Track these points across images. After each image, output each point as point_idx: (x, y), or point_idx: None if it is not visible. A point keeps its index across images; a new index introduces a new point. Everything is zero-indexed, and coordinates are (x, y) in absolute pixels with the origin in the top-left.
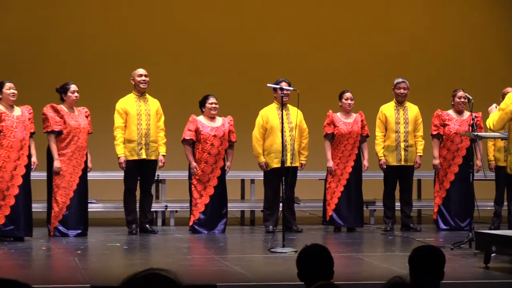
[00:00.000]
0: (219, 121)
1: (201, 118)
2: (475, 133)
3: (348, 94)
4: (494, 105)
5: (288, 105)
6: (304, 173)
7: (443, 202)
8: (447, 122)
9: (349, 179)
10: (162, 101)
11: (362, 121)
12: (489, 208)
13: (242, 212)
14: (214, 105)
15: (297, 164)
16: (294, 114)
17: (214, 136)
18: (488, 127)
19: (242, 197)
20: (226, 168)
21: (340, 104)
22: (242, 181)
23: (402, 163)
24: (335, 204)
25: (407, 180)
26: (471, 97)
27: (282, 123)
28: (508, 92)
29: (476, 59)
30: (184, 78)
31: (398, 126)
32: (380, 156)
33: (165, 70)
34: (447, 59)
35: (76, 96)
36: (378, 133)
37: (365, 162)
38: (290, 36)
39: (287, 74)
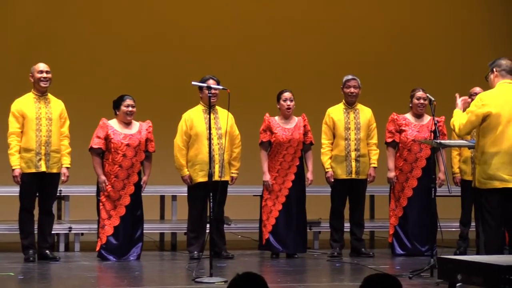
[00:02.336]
0: (135, 127)
1: (114, 123)
2: (438, 141)
3: (287, 94)
4: (457, 95)
5: (217, 107)
6: (235, 188)
7: (400, 222)
8: (403, 128)
9: (289, 196)
10: (67, 102)
11: (305, 126)
12: (454, 229)
13: (162, 234)
14: (130, 108)
15: (227, 178)
16: (224, 118)
17: (127, 145)
18: (452, 128)
19: (162, 217)
20: (142, 183)
21: (278, 106)
22: (162, 197)
23: (353, 176)
24: (272, 225)
25: (358, 197)
26: (433, 98)
27: (210, 129)
28: (476, 92)
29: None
30: (94, 75)
31: (348, 133)
32: (327, 168)
33: (72, 65)
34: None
35: None
36: (325, 140)
37: (309, 175)
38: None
39: (218, 71)
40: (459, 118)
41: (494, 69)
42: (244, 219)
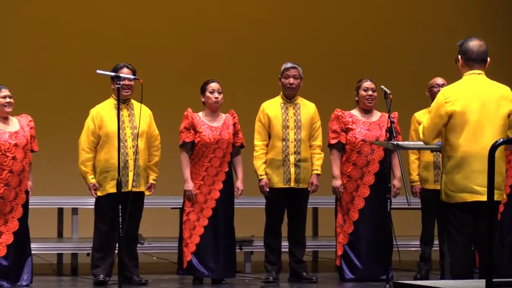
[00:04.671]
0: (14, 122)
1: None
2: (394, 142)
3: (214, 85)
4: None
5: (133, 101)
6: (150, 200)
7: (350, 240)
8: (350, 126)
9: (216, 209)
10: None
11: (234, 124)
12: (413, 249)
13: (60, 256)
14: (8, 100)
15: (142, 188)
16: (142, 116)
17: (16, 145)
18: (423, 139)
19: (60, 234)
20: (29, 189)
21: (202, 99)
22: (60, 211)
23: (292, 184)
24: (195, 244)
25: (298, 210)
26: (388, 91)
27: (122, 128)
28: (437, 84)
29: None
30: None
31: (287, 132)
32: (260, 175)
33: None
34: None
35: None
36: (258, 141)
37: (239, 184)
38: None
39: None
40: (425, 121)
41: (460, 56)
42: (161, 236)
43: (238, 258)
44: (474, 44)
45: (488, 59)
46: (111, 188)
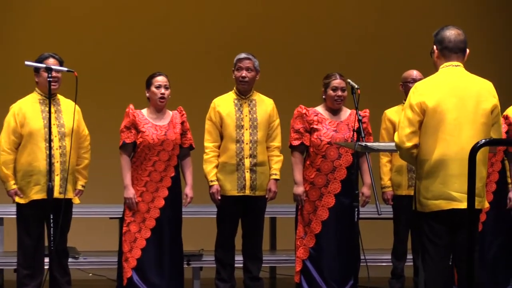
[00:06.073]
0: None
1: None
2: (363, 143)
3: (160, 79)
4: None
5: (59, 96)
6: (85, 209)
7: (311, 255)
8: (315, 126)
9: (160, 219)
10: None
11: (182, 123)
12: (384, 264)
13: None
14: None
15: (70, 194)
16: (69, 112)
17: None
18: (397, 142)
19: None
20: None
21: (147, 94)
22: None
23: (247, 192)
24: (137, 259)
25: (254, 220)
26: (356, 86)
27: (50, 126)
28: (413, 78)
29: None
30: None
31: (241, 133)
32: (211, 181)
33: None
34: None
35: None
36: (208, 143)
37: (187, 191)
38: None
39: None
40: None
41: (435, 47)
42: (98, 250)
43: (186, 274)
44: (451, 33)
45: (468, 50)
46: (35, 194)
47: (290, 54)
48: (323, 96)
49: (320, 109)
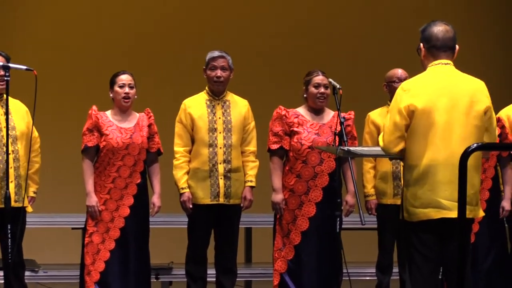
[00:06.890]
0: None
1: None
2: (345, 148)
3: (125, 77)
4: None
5: (10, 98)
6: (49, 219)
7: (290, 268)
8: (295, 129)
9: (125, 229)
10: None
11: (150, 126)
12: (368, 277)
13: None
14: None
15: (25, 202)
16: (19, 114)
17: None
18: (382, 147)
19: None
20: None
21: (111, 94)
22: None
23: (221, 200)
24: (100, 272)
25: (228, 231)
26: (338, 85)
27: (8, 128)
28: (398, 78)
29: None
30: None
31: (214, 136)
32: (182, 188)
33: None
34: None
35: None
36: (179, 147)
37: (155, 199)
38: None
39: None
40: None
41: (422, 45)
42: (59, 263)
43: None
44: (438, 29)
45: (457, 46)
46: None
47: (264, 52)
48: (304, 95)
49: (301, 110)
